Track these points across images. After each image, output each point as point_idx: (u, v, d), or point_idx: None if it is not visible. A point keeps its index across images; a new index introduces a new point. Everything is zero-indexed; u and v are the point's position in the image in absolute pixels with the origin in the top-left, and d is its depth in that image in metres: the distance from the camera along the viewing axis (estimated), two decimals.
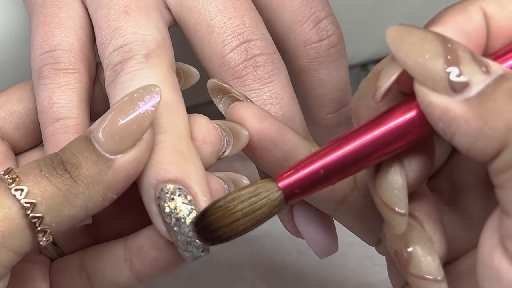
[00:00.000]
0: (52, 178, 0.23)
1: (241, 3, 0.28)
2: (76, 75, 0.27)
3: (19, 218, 0.22)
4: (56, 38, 0.28)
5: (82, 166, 0.23)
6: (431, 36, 0.21)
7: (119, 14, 0.27)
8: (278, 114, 0.27)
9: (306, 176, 0.23)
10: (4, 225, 0.22)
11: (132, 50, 0.26)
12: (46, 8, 0.28)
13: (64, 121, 0.27)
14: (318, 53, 0.30)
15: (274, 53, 0.28)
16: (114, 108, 0.23)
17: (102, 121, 0.23)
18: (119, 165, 0.23)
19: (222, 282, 0.40)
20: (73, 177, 0.23)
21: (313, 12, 0.30)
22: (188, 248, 0.24)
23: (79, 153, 0.23)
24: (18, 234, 0.22)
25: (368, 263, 0.41)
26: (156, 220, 0.24)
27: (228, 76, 0.27)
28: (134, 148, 0.23)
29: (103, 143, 0.23)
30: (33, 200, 0.22)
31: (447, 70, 0.20)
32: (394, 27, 0.21)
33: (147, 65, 0.26)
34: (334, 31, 0.30)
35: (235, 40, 0.27)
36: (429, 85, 0.20)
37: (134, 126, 0.23)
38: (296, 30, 0.30)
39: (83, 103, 0.27)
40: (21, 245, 0.23)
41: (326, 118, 0.32)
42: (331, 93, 0.31)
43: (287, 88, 0.28)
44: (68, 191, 0.23)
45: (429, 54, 0.21)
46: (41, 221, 0.23)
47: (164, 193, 0.24)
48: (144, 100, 0.23)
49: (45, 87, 0.27)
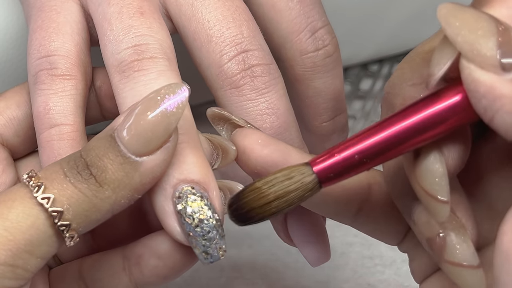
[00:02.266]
0: (78, 183, 0.23)
1: (240, 13, 0.28)
2: (73, 82, 0.27)
3: (46, 226, 0.22)
4: (54, 43, 0.28)
5: (108, 170, 0.23)
6: (485, 16, 0.21)
7: (134, 13, 0.27)
8: (274, 125, 0.27)
9: (340, 161, 0.23)
10: (31, 233, 0.22)
11: (150, 50, 0.26)
12: (44, 12, 0.28)
13: (60, 127, 0.27)
14: (314, 63, 0.30)
15: (271, 64, 0.28)
16: (140, 104, 0.23)
17: (127, 118, 0.23)
18: (146, 168, 0.23)
19: (222, 282, 0.40)
20: (99, 182, 0.23)
21: (310, 22, 0.30)
22: (208, 250, 0.24)
23: (104, 156, 0.23)
24: (46, 241, 0.23)
25: (368, 263, 0.41)
26: (169, 219, 0.24)
27: (225, 85, 0.27)
28: (161, 150, 0.23)
29: (128, 144, 0.23)
30: (60, 209, 0.22)
31: (498, 50, 0.20)
32: (446, 4, 0.21)
33: (170, 69, 0.26)
34: (330, 41, 0.31)
35: (233, 50, 0.27)
36: (477, 62, 0.20)
37: (161, 127, 0.23)
38: (292, 40, 0.30)
39: (79, 110, 0.27)
40: (48, 251, 0.23)
41: (321, 126, 0.32)
42: (326, 101, 0.31)
43: (284, 99, 0.28)
44: (95, 196, 0.23)
45: (482, 31, 0.20)
46: (68, 228, 0.23)
47: (187, 193, 0.24)
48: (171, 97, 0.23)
49: (42, 92, 0.27)
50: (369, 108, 0.50)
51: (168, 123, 0.23)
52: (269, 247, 0.41)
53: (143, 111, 0.23)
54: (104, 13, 0.27)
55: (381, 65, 0.53)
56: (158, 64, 0.26)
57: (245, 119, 0.27)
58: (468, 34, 0.20)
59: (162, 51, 0.26)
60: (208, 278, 0.40)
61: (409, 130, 0.22)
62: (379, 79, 0.52)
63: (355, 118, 0.50)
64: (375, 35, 0.49)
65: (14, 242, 0.22)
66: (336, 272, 0.41)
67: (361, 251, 0.41)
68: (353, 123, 0.49)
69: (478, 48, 0.20)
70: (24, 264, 0.22)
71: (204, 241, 0.24)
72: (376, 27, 0.48)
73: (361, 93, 0.51)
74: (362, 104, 0.51)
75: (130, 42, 0.26)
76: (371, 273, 0.41)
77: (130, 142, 0.23)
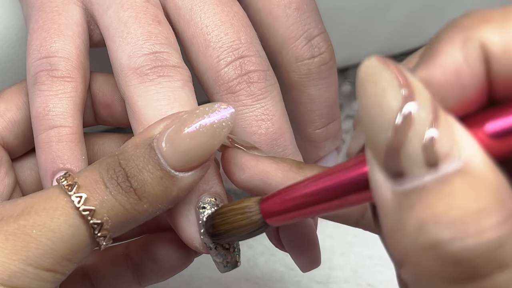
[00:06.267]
0: (118, 196, 0.23)
1: (238, 19, 0.28)
2: (73, 84, 0.27)
3: (86, 237, 0.23)
4: (55, 45, 0.28)
5: (147, 184, 0.23)
6: (396, 94, 0.17)
7: (152, 21, 0.27)
8: (269, 131, 0.28)
9: (286, 205, 0.23)
10: (72, 243, 0.23)
11: (173, 59, 0.27)
12: (45, 12, 0.28)
13: (59, 129, 0.27)
14: (309, 70, 0.31)
15: (268, 70, 0.28)
16: (184, 115, 0.23)
17: (168, 127, 0.23)
18: (185, 184, 0.24)
19: (223, 282, 0.40)
20: (138, 195, 0.23)
21: (306, 29, 0.30)
22: (228, 259, 0.25)
23: (144, 168, 0.23)
24: (84, 249, 0.23)
25: (368, 262, 0.41)
26: (190, 228, 0.25)
27: (221, 90, 0.28)
28: (200, 168, 0.24)
29: (169, 158, 0.23)
30: (100, 221, 0.23)
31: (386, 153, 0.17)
32: (372, 60, 0.18)
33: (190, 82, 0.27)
34: (326, 49, 0.31)
35: (230, 55, 0.28)
36: (372, 154, 0.17)
37: (205, 147, 0.23)
38: (288, 46, 0.30)
39: (78, 113, 0.28)
40: (84, 257, 0.24)
41: (314, 133, 0.32)
42: (319, 108, 0.32)
43: (279, 105, 0.28)
44: (133, 209, 0.23)
45: (380, 119, 0.17)
46: (105, 238, 0.23)
47: (211, 203, 0.25)
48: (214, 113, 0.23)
49: (41, 93, 0.27)
50: None
51: (212, 144, 0.23)
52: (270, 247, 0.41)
53: (186, 122, 0.23)
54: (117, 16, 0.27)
55: None
56: (183, 74, 0.27)
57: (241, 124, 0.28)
58: (369, 114, 0.17)
59: (182, 63, 0.27)
60: (208, 278, 0.40)
61: (332, 189, 0.21)
62: None
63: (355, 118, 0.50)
64: (375, 35, 0.49)
65: (56, 251, 0.23)
66: (336, 272, 0.41)
67: (361, 251, 0.41)
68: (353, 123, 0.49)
69: (373, 141, 0.17)
70: (63, 269, 0.23)
71: (225, 251, 0.25)
72: (376, 27, 0.48)
73: None
74: None
75: (151, 49, 0.26)
76: (371, 273, 0.41)
77: (171, 156, 0.23)
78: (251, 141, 0.28)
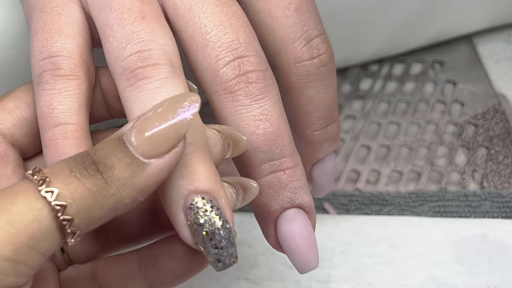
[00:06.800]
0: (83, 178, 0.22)
1: (237, 19, 0.28)
2: (76, 82, 0.27)
3: (49, 220, 0.22)
4: (56, 44, 0.28)
5: (115, 168, 0.23)
6: None
7: (135, 19, 0.27)
8: (267, 131, 0.28)
9: None
10: (34, 228, 0.22)
11: (153, 57, 0.26)
12: (46, 13, 0.28)
13: (64, 126, 0.27)
14: (308, 71, 0.30)
15: (267, 70, 0.28)
16: (152, 112, 0.23)
17: (136, 123, 0.23)
18: (153, 170, 0.23)
19: (223, 282, 0.40)
20: (105, 178, 0.23)
21: (305, 30, 0.30)
22: (220, 258, 0.25)
23: (113, 154, 0.23)
24: (48, 236, 0.22)
25: (368, 262, 0.41)
26: (182, 230, 0.25)
27: (220, 90, 0.28)
28: (169, 155, 0.23)
29: (137, 146, 0.23)
30: (64, 202, 0.22)
31: None
32: None
33: (173, 75, 0.26)
34: (325, 50, 0.31)
35: (229, 55, 0.28)
36: None
37: (172, 132, 0.23)
38: (287, 47, 0.30)
39: (83, 109, 0.27)
40: (50, 247, 0.22)
41: (312, 134, 0.32)
42: (318, 110, 0.31)
43: (278, 106, 0.28)
44: (99, 192, 0.22)
45: None
46: (71, 223, 0.22)
47: (197, 204, 0.24)
48: (184, 107, 0.23)
49: (45, 92, 0.27)
50: (369, 108, 0.50)
51: (179, 128, 0.23)
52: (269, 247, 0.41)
53: (154, 118, 0.23)
54: (106, 20, 0.27)
55: (381, 65, 0.53)
56: (161, 71, 0.26)
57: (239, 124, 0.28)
58: None
59: (165, 56, 0.26)
60: (209, 278, 0.40)
61: None
62: (379, 79, 0.52)
63: (354, 118, 0.50)
64: (374, 35, 0.49)
65: (17, 236, 0.21)
66: (336, 271, 0.41)
67: (360, 250, 0.41)
68: (352, 123, 0.49)
69: None
70: (26, 259, 0.22)
71: (216, 250, 0.25)
72: (375, 27, 0.48)
73: (361, 93, 0.51)
74: (361, 104, 0.51)
75: (133, 49, 0.26)
76: (370, 272, 0.41)
77: (139, 144, 0.23)
78: (249, 141, 0.28)
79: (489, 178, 0.45)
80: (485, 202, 0.44)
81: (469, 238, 0.42)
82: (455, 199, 0.44)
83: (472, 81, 0.51)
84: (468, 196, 0.44)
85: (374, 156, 0.47)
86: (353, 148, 0.48)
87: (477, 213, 0.43)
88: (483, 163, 0.46)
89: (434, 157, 0.47)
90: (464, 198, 0.44)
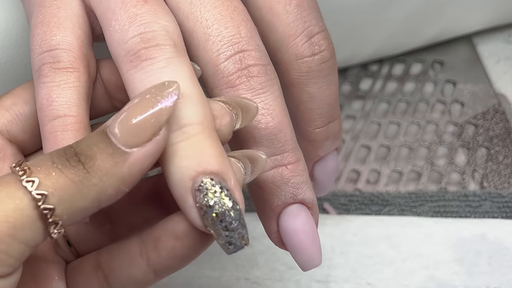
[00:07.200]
0: (65, 169, 0.22)
1: (238, 13, 0.28)
2: (76, 74, 0.27)
3: (30, 210, 0.22)
4: (55, 38, 0.28)
5: (96, 158, 0.23)
6: None
7: (137, 2, 0.26)
8: (269, 125, 0.27)
9: None
10: (15, 217, 0.22)
11: (157, 37, 0.26)
12: (45, 7, 0.28)
13: (63, 118, 0.27)
14: (309, 68, 0.30)
15: (268, 65, 0.28)
16: (133, 102, 0.23)
17: (119, 115, 0.23)
18: (135, 159, 0.23)
19: (223, 281, 0.40)
20: (86, 168, 0.22)
21: (306, 26, 0.30)
22: (231, 241, 0.24)
23: (94, 145, 0.23)
24: (29, 225, 0.22)
25: (367, 262, 0.41)
26: (191, 212, 0.24)
27: (221, 84, 0.27)
28: (151, 143, 0.23)
29: (120, 137, 0.23)
30: (45, 192, 0.22)
31: None
32: None
33: (177, 55, 0.26)
34: (327, 47, 0.31)
35: (230, 49, 0.27)
36: None
37: (151, 120, 0.23)
38: (288, 44, 0.30)
39: (83, 102, 0.27)
40: (32, 237, 0.22)
41: (314, 132, 0.32)
42: (320, 107, 0.31)
43: (279, 100, 0.28)
44: (81, 182, 0.22)
45: None
46: (52, 213, 0.22)
47: (206, 185, 0.24)
48: (164, 97, 0.23)
49: (44, 85, 0.27)
50: (369, 108, 0.50)
51: (159, 115, 0.23)
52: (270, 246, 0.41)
53: (135, 108, 0.23)
54: (108, 4, 0.27)
55: (381, 65, 0.53)
56: (165, 51, 0.26)
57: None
58: None
59: (168, 37, 0.26)
60: (209, 278, 0.40)
61: None
62: (379, 79, 0.52)
63: (354, 118, 0.50)
64: (374, 35, 0.49)
65: None
66: (336, 271, 0.41)
67: (360, 250, 0.41)
68: (352, 123, 0.49)
69: None
70: (7, 248, 0.22)
71: (227, 232, 0.24)
72: (375, 27, 0.48)
73: (361, 93, 0.51)
74: (362, 104, 0.51)
75: (136, 31, 0.26)
76: (370, 272, 0.41)
77: (121, 134, 0.23)
78: (251, 136, 0.27)
79: (489, 178, 0.45)
80: (485, 202, 0.44)
81: (469, 238, 0.42)
82: (455, 199, 0.44)
83: (472, 81, 0.51)
84: (468, 196, 0.44)
85: (374, 156, 0.47)
86: (353, 148, 0.48)
87: (477, 213, 0.43)
88: (483, 163, 0.46)
89: (434, 157, 0.47)
90: (464, 198, 0.44)
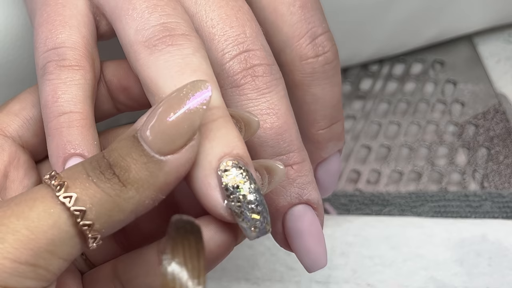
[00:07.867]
0: (101, 183, 0.22)
1: (243, 13, 0.28)
2: (81, 72, 0.27)
3: (69, 226, 0.22)
4: (61, 36, 0.27)
5: (131, 169, 0.22)
6: None
7: None
8: (275, 125, 0.27)
9: None
10: (54, 233, 0.21)
11: (182, 28, 0.26)
12: (50, 6, 0.28)
13: (69, 115, 0.26)
14: (313, 69, 0.30)
15: (273, 64, 0.28)
16: (162, 104, 0.23)
17: (149, 118, 0.23)
18: (171, 168, 0.22)
19: (223, 282, 0.40)
20: (122, 181, 0.22)
21: (310, 27, 0.30)
22: (256, 224, 0.24)
23: (128, 155, 0.22)
24: (68, 241, 0.22)
25: (367, 262, 0.41)
26: (214, 193, 0.24)
27: (226, 84, 0.27)
28: (186, 149, 0.23)
29: (152, 143, 0.22)
30: (83, 208, 0.22)
31: None
32: None
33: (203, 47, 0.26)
34: (330, 48, 0.31)
35: (235, 49, 0.27)
36: None
37: (185, 125, 0.22)
38: (292, 45, 0.30)
39: (88, 99, 0.27)
40: (70, 252, 0.22)
41: (317, 133, 0.32)
42: (323, 108, 0.31)
43: (284, 100, 0.28)
44: (118, 196, 0.22)
45: None
46: (91, 228, 0.22)
47: (234, 167, 0.24)
48: (195, 95, 0.23)
49: (50, 82, 0.27)
50: (369, 108, 0.50)
51: (193, 120, 0.22)
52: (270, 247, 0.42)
53: (166, 110, 0.22)
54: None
55: (381, 65, 0.53)
56: (192, 41, 0.25)
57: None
58: None
59: (192, 31, 0.26)
60: (209, 278, 0.40)
61: None
62: (379, 79, 0.52)
63: (355, 118, 0.50)
64: (375, 35, 0.49)
65: (36, 241, 0.21)
66: (336, 272, 0.41)
67: (360, 251, 0.41)
68: (353, 123, 0.49)
69: None
70: (46, 264, 0.22)
71: (253, 214, 0.24)
72: (376, 27, 0.48)
73: (361, 93, 0.51)
74: (362, 104, 0.51)
75: (158, 20, 0.26)
76: (370, 273, 0.41)
77: (154, 141, 0.22)
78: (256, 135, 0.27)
79: (489, 178, 0.45)
80: (485, 202, 0.44)
81: (469, 239, 0.42)
82: (455, 199, 0.44)
83: (473, 81, 0.51)
84: (468, 196, 0.44)
85: (375, 156, 0.47)
86: (354, 148, 0.48)
87: (477, 213, 0.43)
88: (484, 163, 0.46)
89: (435, 157, 0.47)
90: (465, 198, 0.44)
